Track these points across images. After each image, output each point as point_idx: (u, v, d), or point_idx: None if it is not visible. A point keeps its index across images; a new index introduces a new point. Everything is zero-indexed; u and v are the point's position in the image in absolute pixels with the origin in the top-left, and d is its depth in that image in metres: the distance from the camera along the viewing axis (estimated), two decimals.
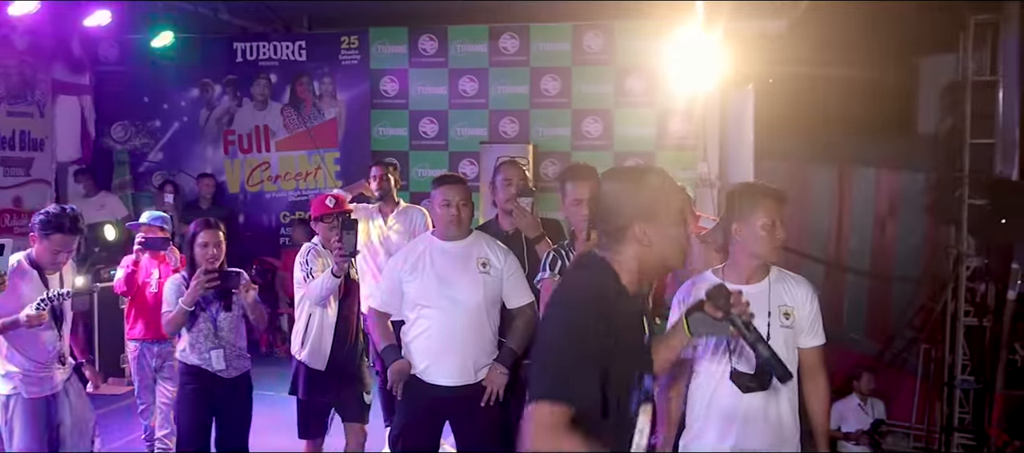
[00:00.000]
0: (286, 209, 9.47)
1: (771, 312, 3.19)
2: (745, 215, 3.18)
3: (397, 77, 9.29)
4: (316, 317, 4.70)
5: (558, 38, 8.99)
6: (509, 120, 9.09)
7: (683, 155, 8.46)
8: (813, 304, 3.29)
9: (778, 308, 3.19)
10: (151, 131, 9.70)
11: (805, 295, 3.27)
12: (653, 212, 2.24)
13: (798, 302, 3.25)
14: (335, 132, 9.44)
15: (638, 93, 8.81)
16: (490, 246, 4.16)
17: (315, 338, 4.71)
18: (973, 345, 7.16)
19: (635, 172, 2.44)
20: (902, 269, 8.47)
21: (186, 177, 9.45)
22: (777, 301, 3.21)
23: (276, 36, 9.52)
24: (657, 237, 2.24)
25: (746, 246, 3.19)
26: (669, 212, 2.26)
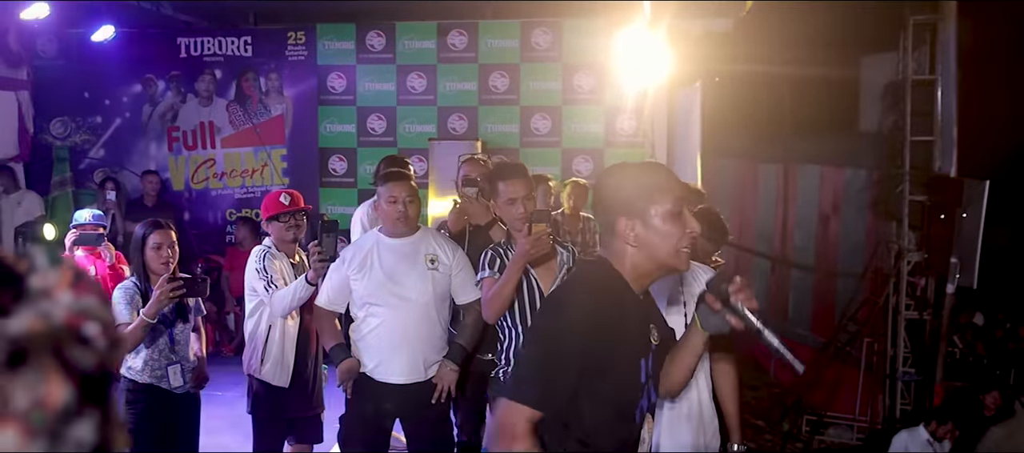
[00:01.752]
0: (232, 207, 9.35)
1: (685, 301, 3.29)
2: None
3: (345, 73, 9.21)
4: (277, 329, 4.38)
5: (506, 35, 8.99)
6: (458, 117, 9.06)
7: (631, 152, 8.51)
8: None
9: (692, 297, 3.26)
10: (92, 127, 9.50)
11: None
12: (638, 207, 2.15)
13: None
14: (282, 129, 9.33)
15: (586, 90, 8.85)
16: (438, 242, 4.15)
17: (277, 352, 4.38)
18: (914, 338, 7.30)
19: (625, 166, 2.34)
20: (845, 264, 8.62)
21: (129, 174, 9.28)
22: (691, 291, 3.29)
23: (221, 32, 9.38)
24: (645, 234, 2.15)
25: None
26: (659, 207, 2.14)
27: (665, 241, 2.14)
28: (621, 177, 2.23)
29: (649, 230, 2.14)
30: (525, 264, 3.75)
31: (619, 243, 2.17)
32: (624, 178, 2.22)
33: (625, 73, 7.78)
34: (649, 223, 2.14)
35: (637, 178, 2.20)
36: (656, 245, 2.15)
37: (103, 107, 9.50)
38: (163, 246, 4.13)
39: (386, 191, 4.04)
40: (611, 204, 2.19)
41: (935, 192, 6.78)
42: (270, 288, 4.28)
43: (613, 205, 2.18)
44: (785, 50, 7.94)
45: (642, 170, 2.25)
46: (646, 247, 2.15)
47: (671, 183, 2.20)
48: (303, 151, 9.22)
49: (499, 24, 9.00)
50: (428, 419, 4.07)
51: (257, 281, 4.33)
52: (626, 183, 2.19)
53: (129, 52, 9.19)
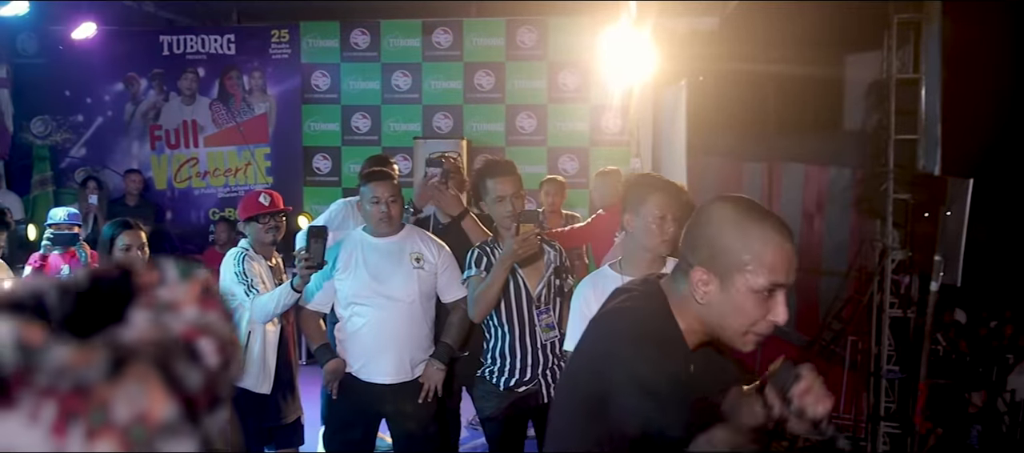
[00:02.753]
0: (215, 206, 9.29)
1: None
2: (636, 207, 3.18)
3: (329, 72, 9.17)
4: (257, 334, 4.25)
5: (491, 33, 8.97)
6: (443, 115, 9.04)
7: (616, 150, 8.51)
8: None
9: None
10: (73, 126, 9.42)
11: None
12: (724, 267, 1.73)
13: None
14: (265, 127, 9.28)
15: (572, 88, 8.84)
16: (423, 240, 4.14)
17: (259, 359, 4.27)
18: (898, 336, 7.32)
19: (749, 208, 1.82)
20: (830, 262, 8.63)
21: (111, 173, 9.20)
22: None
23: (204, 29, 9.32)
24: (718, 300, 1.74)
25: (637, 238, 3.20)
26: (749, 279, 1.71)
27: (737, 317, 1.74)
28: (726, 221, 1.78)
29: (725, 296, 1.74)
30: (512, 264, 3.74)
31: (685, 288, 1.80)
32: (730, 224, 1.77)
33: (610, 71, 7.78)
34: (728, 289, 1.74)
35: (746, 233, 1.74)
36: (724, 316, 1.75)
37: (84, 105, 9.42)
38: (132, 247, 3.98)
39: (369, 191, 4.02)
40: (698, 243, 1.79)
41: (919, 190, 6.80)
42: (251, 293, 4.13)
43: (699, 246, 1.78)
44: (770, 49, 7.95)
45: (758, 224, 1.76)
46: (715, 312, 1.76)
47: (779, 258, 1.73)
48: (287, 150, 9.18)
49: (484, 22, 8.98)
50: (415, 419, 4.05)
51: (236, 285, 4.16)
52: (728, 233, 1.76)
53: (111, 50, 9.12)
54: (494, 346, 3.94)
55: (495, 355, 3.94)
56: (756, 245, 1.72)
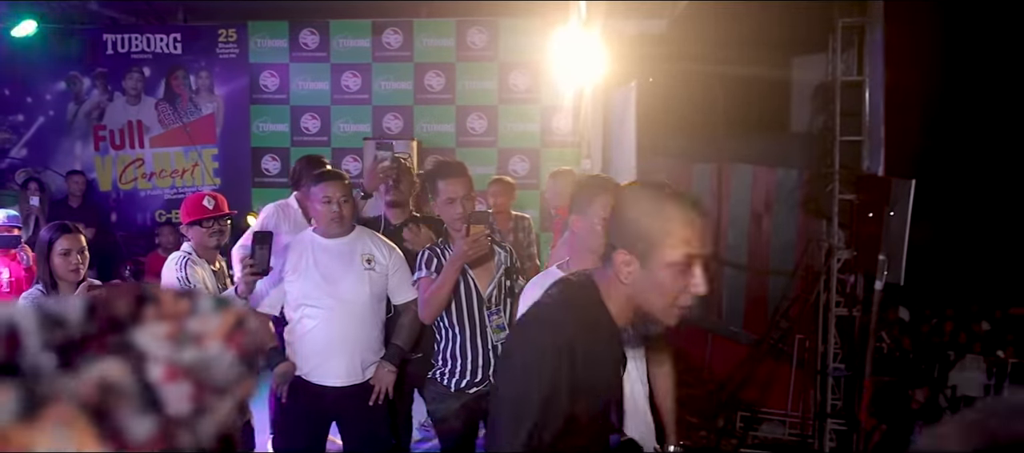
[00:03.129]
0: (161, 207, 9.15)
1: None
2: (583, 208, 3.19)
3: (277, 72, 9.08)
4: None
5: (441, 34, 8.95)
6: (393, 116, 8.99)
7: (567, 151, 8.54)
8: None
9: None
10: (13, 126, 9.21)
11: None
12: (642, 247, 1.86)
13: None
14: (213, 128, 9.16)
15: (522, 89, 8.85)
16: (374, 242, 4.12)
17: None
18: (844, 334, 7.44)
19: (656, 191, 1.96)
20: (777, 262, 8.74)
21: (53, 175, 9.01)
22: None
23: (149, 28, 9.17)
24: (640, 278, 1.88)
25: (584, 239, 3.20)
26: (667, 256, 1.84)
27: (659, 294, 1.87)
28: (639, 205, 1.92)
29: (648, 275, 1.87)
30: (463, 265, 3.73)
31: (611, 271, 1.93)
32: (638, 206, 1.92)
33: (561, 72, 7.81)
34: (650, 268, 1.86)
35: (653, 214, 1.88)
36: (648, 294, 1.88)
37: (25, 105, 9.22)
38: (71, 252, 3.87)
39: (320, 191, 3.98)
40: (618, 229, 1.92)
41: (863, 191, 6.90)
42: None
43: (619, 231, 1.91)
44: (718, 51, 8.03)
45: (664, 203, 1.89)
46: (640, 290, 1.89)
47: (691, 232, 1.87)
48: (235, 151, 9.07)
49: (434, 22, 8.95)
50: (366, 421, 4.03)
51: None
52: (638, 215, 1.90)
53: (52, 48, 8.95)
54: (445, 347, 3.94)
55: (446, 356, 3.93)
56: (670, 223, 1.84)
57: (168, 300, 0.58)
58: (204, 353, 0.56)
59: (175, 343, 0.55)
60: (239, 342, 0.58)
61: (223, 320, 0.58)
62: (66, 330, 0.55)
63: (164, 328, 0.56)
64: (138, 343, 0.55)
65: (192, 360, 0.56)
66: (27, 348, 0.53)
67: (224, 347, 0.57)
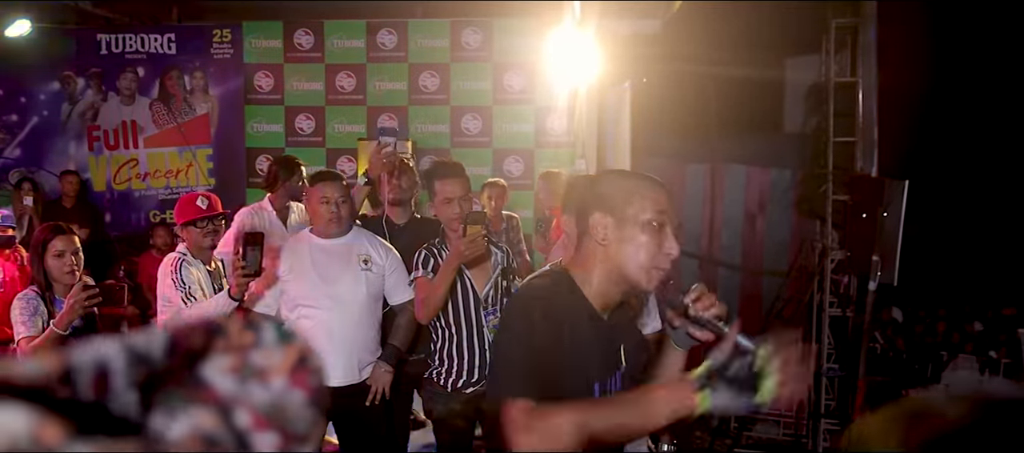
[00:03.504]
0: (156, 208, 9.13)
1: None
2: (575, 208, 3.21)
3: (272, 72, 9.06)
4: None
5: (436, 34, 8.95)
6: (388, 116, 8.98)
7: (561, 152, 8.55)
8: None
9: None
10: (7, 126, 9.18)
11: None
12: (615, 204, 1.97)
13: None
14: (207, 128, 9.15)
15: (517, 90, 8.85)
16: (371, 242, 4.13)
17: None
18: (837, 334, 7.47)
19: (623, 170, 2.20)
20: (771, 263, 8.77)
21: (47, 175, 9.00)
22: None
23: (143, 29, 9.15)
24: (617, 235, 1.96)
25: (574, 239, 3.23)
26: (639, 212, 1.94)
27: (636, 251, 1.94)
28: (608, 176, 2.11)
29: (622, 232, 1.96)
30: (459, 265, 3.74)
31: (589, 242, 2.01)
32: (610, 177, 2.10)
33: (555, 73, 7.81)
34: (624, 225, 1.96)
35: (624, 180, 2.04)
36: (626, 252, 1.95)
37: (19, 105, 9.19)
38: (66, 253, 3.81)
39: (318, 191, 3.99)
40: (588, 199, 2.02)
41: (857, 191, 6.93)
42: (188, 300, 4.02)
43: (590, 200, 2.01)
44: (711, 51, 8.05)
45: (633, 175, 2.09)
46: (615, 250, 1.97)
47: (659, 196, 1.98)
48: (229, 151, 9.05)
49: (429, 23, 8.95)
50: (363, 422, 4.04)
51: (173, 292, 4.05)
52: (611, 181, 2.05)
53: (46, 48, 8.92)
54: (441, 347, 3.95)
55: (443, 356, 3.94)
56: (639, 186, 1.99)
57: (235, 333, 0.58)
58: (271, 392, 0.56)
59: (239, 376, 0.56)
60: (304, 382, 0.59)
61: (286, 356, 0.59)
62: (150, 366, 0.55)
63: (229, 361, 0.57)
64: (207, 377, 0.55)
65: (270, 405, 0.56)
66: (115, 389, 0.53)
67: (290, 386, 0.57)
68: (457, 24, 8.91)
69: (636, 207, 1.95)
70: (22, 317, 3.70)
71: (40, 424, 0.48)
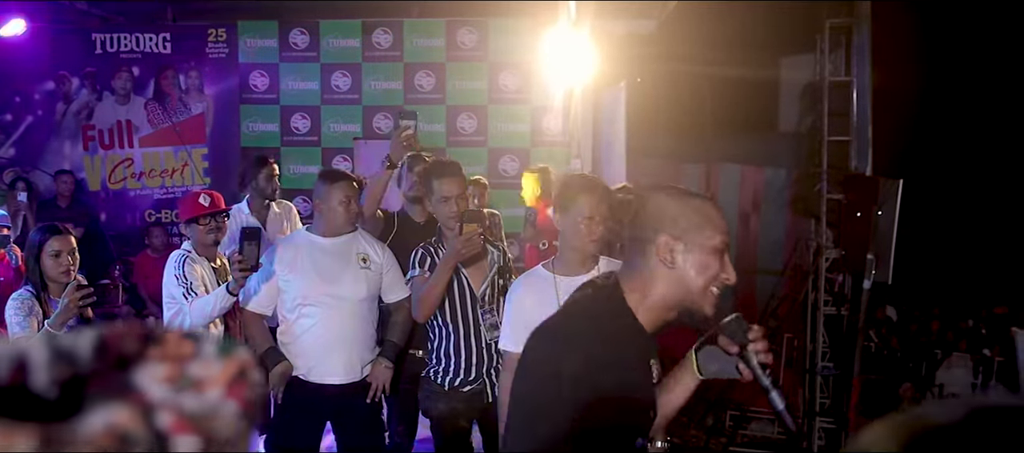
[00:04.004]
0: (151, 207, 9.11)
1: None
2: (567, 207, 3.24)
3: (267, 71, 9.05)
4: None
5: (432, 34, 8.95)
6: (383, 116, 8.98)
7: (557, 151, 8.56)
8: None
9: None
10: (2, 125, 9.15)
11: None
12: (686, 229, 1.93)
13: None
14: (203, 127, 9.14)
15: (512, 90, 8.85)
16: (368, 241, 4.15)
17: None
18: (832, 333, 7.49)
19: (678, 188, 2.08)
20: (765, 262, 8.80)
21: (42, 174, 8.98)
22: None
23: (138, 28, 9.13)
24: (685, 259, 1.92)
25: (567, 238, 3.27)
26: (708, 238, 1.93)
27: (702, 274, 1.93)
28: (673, 196, 2.00)
29: (690, 256, 1.92)
30: (456, 263, 3.76)
31: (652, 261, 1.95)
32: (676, 198, 2.00)
33: (551, 73, 7.83)
34: (692, 249, 1.93)
35: (691, 203, 1.98)
36: (691, 275, 1.93)
37: (13, 104, 9.17)
38: (62, 253, 3.78)
39: (339, 191, 4.00)
40: (655, 218, 1.96)
41: (851, 190, 6.96)
42: (189, 296, 4.01)
43: (658, 219, 1.95)
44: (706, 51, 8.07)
45: (697, 198, 2.01)
46: (681, 273, 1.93)
47: (724, 223, 1.99)
48: (225, 150, 9.04)
49: (424, 22, 8.95)
50: (362, 419, 4.05)
51: (176, 288, 4.05)
52: (678, 204, 1.98)
53: (41, 48, 8.89)
54: (438, 346, 3.96)
55: (440, 355, 3.96)
56: (705, 209, 1.96)
57: (173, 342, 0.58)
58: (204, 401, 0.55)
59: (175, 386, 0.55)
60: (241, 394, 0.57)
61: (226, 368, 0.57)
62: (74, 366, 0.54)
63: (165, 370, 0.56)
64: (139, 384, 0.54)
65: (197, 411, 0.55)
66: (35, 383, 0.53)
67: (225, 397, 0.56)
68: (452, 24, 8.91)
69: (707, 234, 1.93)
70: (16, 317, 3.68)
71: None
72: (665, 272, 1.93)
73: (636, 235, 1.99)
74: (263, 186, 5.67)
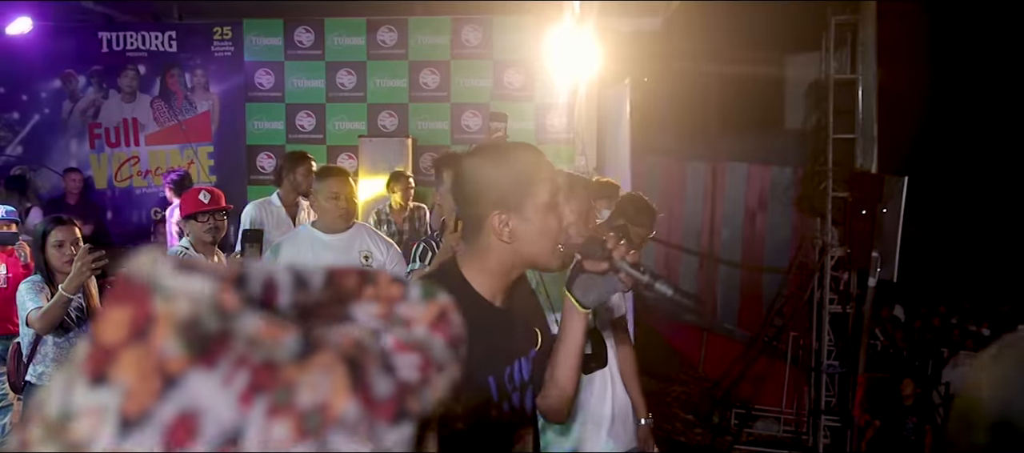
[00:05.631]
0: (157, 205, 9.14)
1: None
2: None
3: (272, 70, 9.07)
4: None
5: (436, 31, 8.95)
6: (388, 113, 9.00)
7: (561, 149, 8.55)
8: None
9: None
10: (9, 124, 9.21)
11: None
12: (514, 201, 1.90)
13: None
14: (208, 125, 9.17)
15: (517, 87, 8.85)
16: (372, 238, 4.15)
17: None
18: (837, 331, 7.46)
19: (500, 149, 2.07)
20: (771, 260, 8.78)
21: (50, 172, 9.02)
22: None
23: (144, 26, 9.17)
24: (521, 230, 1.90)
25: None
26: (536, 200, 1.90)
27: (542, 238, 1.91)
28: (492, 166, 1.94)
29: (525, 226, 1.90)
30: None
31: (485, 239, 1.94)
32: (496, 167, 1.94)
33: (555, 70, 7.82)
34: (526, 218, 1.90)
35: (511, 166, 1.93)
36: (531, 242, 1.91)
37: (20, 103, 9.22)
38: (65, 243, 3.92)
39: (326, 187, 4.01)
40: (481, 197, 1.93)
41: (857, 188, 6.93)
42: None
43: (484, 198, 1.92)
44: (712, 49, 8.06)
45: (515, 156, 1.97)
46: (519, 243, 1.91)
47: (546, 169, 1.94)
48: (230, 148, 9.07)
49: (429, 20, 8.96)
50: None
51: None
52: (499, 173, 1.92)
53: (47, 46, 8.94)
54: None
55: None
56: (526, 170, 1.91)
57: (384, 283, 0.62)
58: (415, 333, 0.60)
59: (386, 323, 0.59)
60: (445, 330, 0.62)
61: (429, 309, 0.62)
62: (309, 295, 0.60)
63: (378, 308, 0.60)
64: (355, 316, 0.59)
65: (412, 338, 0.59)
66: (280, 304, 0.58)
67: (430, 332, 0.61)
68: (457, 21, 8.92)
69: (535, 196, 1.90)
70: (29, 295, 3.84)
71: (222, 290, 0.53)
72: (503, 246, 1.91)
73: (467, 215, 1.98)
74: (299, 182, 5.71)
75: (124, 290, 0.52)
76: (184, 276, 0.52)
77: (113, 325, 0.51)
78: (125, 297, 0.51)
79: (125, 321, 0.51)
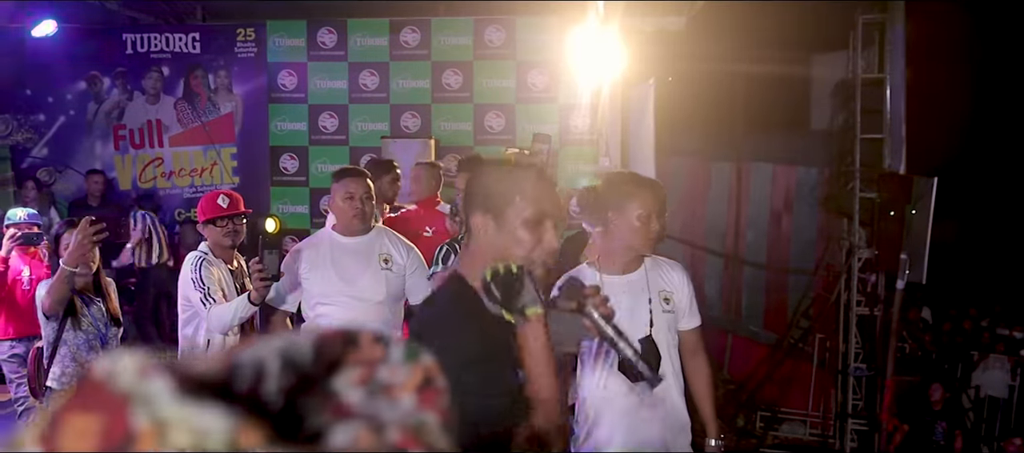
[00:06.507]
0: (181, 206, 9.17)
1: (651, 298, 3.20)
2: (621, 205, 3.17)
3: (295, 71, 9.08)
4: (216, 343, 4.12)
5: (459, 32, 8.93)
6: (411, 114, 8.98)
7: (585, 149, 8.50)
8: (689, 287, 3.33)
9: (658, 293, 3.20)
10: (35, 125, 9.26)
11: (681, 279, 3.31)
12: (496, 204, 2.00)
13: (675, 286, 3.27)
14: (232, 127, 9.18)
15: (540, 88, 8.81)
16: (392, 242, 4.11)
17: None
18: (865, 334, 7.38)
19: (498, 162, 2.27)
20: (797, 261, 8.69)
21: (74, 174, 9.07)
22: (656, 287, 3.21)
23: (168, 28, 9.20)
24: (497, 237, 1.99)
25: (622, 237, 3.18)
26: (518, 210, 1.97)
27: (515, 247, 1.97)
28: (490, 173, 2.11)
29: (502, 233, 1.99)
30: None
31: (474, 241, 2.05)
32: (492, 175, 2.10)
33: (579, 71, 7.77)
34: (504, 225, 1.99)
35: (507, 176, 2.06)
36: (503, 248, 1.98)
37: (46, 104, 9.27)
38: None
39: (342, 187, 3.98)
40: (471, 197, 2.06)
41: (885, 189, 6.86)
42: (207, 302, 4.02)
43: (473, 200, 2.05)
44: (737, 49, 7.98)
45: (514, 172, 2.10)
46: (498, 249, 1.99)
47: (540, 191, 2.03)
48: (254, 150, 9.08)
49: (452, 21, 8.94)
50: None
51: (193, 291, 4.06)
52: (493, 179, 2.07)
53: (73, 48, 8.99)
54: None
55: None
56: (520, 184, 2.01)
57: (367, 344, 0.57)
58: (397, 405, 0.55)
59: (366, 389, 0.54)
60: (434, 403, 0.56)
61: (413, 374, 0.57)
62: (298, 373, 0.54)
63: (358, 374, 0.55)
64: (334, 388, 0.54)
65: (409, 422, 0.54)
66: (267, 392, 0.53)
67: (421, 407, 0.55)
68: (480, 22, 8.89)
69: (516, 207, 1.98)
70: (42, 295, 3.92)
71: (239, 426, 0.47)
72: (485, 247, 2.00)
73: (465, 214, 2.12)
74: (385, 190, 5.66)
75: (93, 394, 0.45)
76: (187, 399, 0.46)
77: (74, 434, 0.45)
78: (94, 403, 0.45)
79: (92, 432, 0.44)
